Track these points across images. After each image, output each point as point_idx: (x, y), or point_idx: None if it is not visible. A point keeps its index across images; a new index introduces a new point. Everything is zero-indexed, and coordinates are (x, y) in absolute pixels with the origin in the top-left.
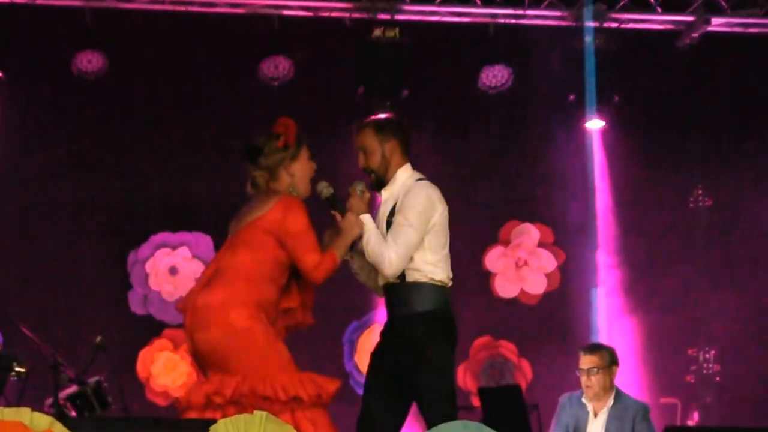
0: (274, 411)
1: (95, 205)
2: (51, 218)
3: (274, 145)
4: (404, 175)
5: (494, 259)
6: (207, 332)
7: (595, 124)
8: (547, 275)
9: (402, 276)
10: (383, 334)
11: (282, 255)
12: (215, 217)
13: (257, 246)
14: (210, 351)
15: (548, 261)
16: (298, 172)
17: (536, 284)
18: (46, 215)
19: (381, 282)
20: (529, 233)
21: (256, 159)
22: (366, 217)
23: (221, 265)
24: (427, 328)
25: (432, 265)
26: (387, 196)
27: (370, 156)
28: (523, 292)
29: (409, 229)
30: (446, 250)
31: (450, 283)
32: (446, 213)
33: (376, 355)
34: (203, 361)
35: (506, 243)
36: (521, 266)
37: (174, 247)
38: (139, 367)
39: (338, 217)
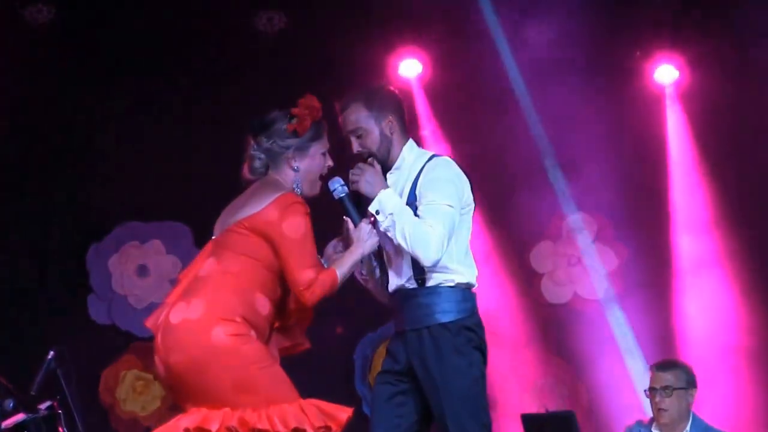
0: None
1: (39, 181)
2: None
3: (282, 126)
4: (412, 154)
5: (542, 256)
6: (183, 354)
7: (666, 75)
8: (607, 276)
9: (421, 279)
10: (393, 350)
11: (276, 262)
12: (197, 204)
13: (246, 249)
14: (188, 377)
15: (607, 259)
16: (305, 167)
17: (592, 287)
18: None
19: (393, 287)
20: (584, 225)
21: (259, 135)
22: (389, 192)
23: (201, 272)
24: (454, 341)
25: (458, 263)
26: (394, 181)
27: (365, 138)
28: (576, 296)
29: (448, 209)
30: (468, 243)
31: (476, 285)
32: (471, 195)
33: (385, 376)
34: (180, 391)
35: (556, 237)
36: (574, 265)
37: (144, 241)
38: (102, 390)
39: (350, 225)
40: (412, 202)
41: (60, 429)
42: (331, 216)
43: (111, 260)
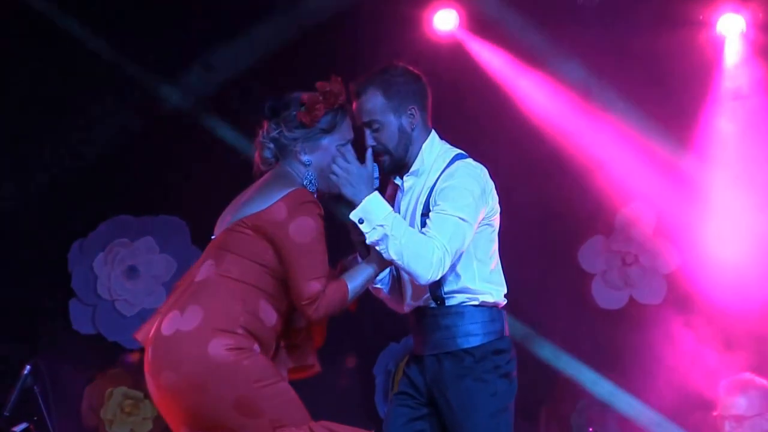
0: None
1: (20, 173)
2: None
3: (293, 114)
4: (433, 152)
5: (592, 254)
6: (176, 371)
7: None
8: (667, 277)
9: (440, 298)
10: (411, 375)
11: (282, 269)
12: (195, 196)
13: (249, 253)
14: (181, 398)
15: (668, 257)
16: (317, 162)
17: (651, 290)
18: None
19: (408, 306)
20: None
21: (270, 120)
22: (375, 198)
23: (198, 276)
24: (477, 368)
25: (483, 282)
26: (410, 186)
27: (381, 132)
28: (632, 301)
29: (460, 222)
30: (497, 256)
31: (505, 302)
32: (497, 205)
33: (403, 398)
34: (173, 413)
35: (608, 232)
36: (630, 264)
37: (134, 238)
38: (85, 410)
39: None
40: (426, 212)
41: None
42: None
43: (96, 260)
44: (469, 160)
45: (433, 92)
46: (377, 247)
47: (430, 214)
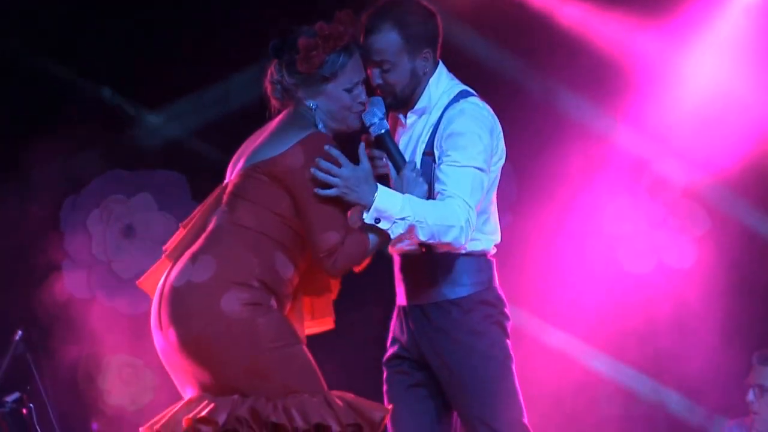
0: None
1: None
2: None
3: (293, 57)
4: (439, 89)
5: (617, 216)
6: (186, 326)
7: None
8: (698, 241)
9: (426, 244)
10: (396, 333)
11: (298, 220)
12: (196, 148)
13: (264, 201)
14: (190, 354)
15: (699, 219)
16: (322, 106)
17: (680, 254)
18: None
19: (394, 248)
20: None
21: (274, 59)
22: (385, 193)
23: (210, 224)
24: (467, 320)
25: (475, 230)
26: (414, 121)
27: (391, 72)
28: (661, 265)
29: (476, 173)
30: (494, 204)
31: (494, 251)
32: (504, 149)
33: (396, 363)
34: (181, 371)
35: (634, 193)
36: (658, 227)
37: (131, 194)
38: (81, 379)
39: (391, 170)
40: (428, 151)
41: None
42: None
43: (90, 218)
44: (474, 99)
45: None
46: (404, 238)
47: (444, 167)
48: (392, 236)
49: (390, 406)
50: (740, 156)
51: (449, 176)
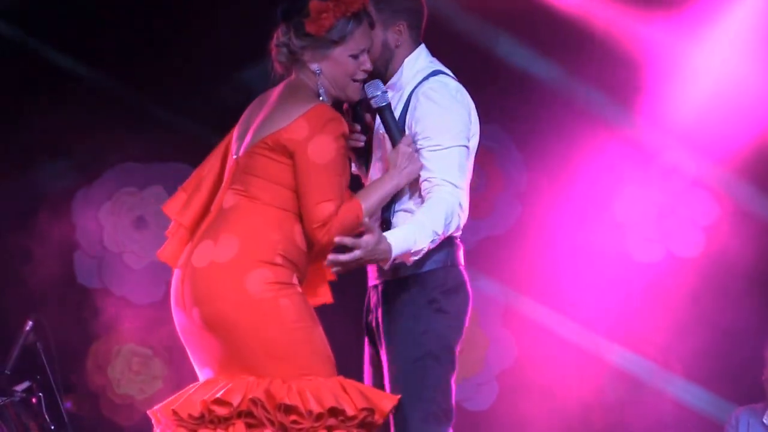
0: (301, 430)
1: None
2: None
3: (300, 20)
4: (414, 68)
5: (626, 204)
6: (210, 306)
7: None
8: (707, 230)
9: (387, 221)
10: (366, 307)
11: None
12: (207, 141)
13: (276, 176)
14: (214, 333)
15: (708, 208)
16: (328, 71)
17: (688, 243)
18: None
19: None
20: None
21: (281, 23)
22: (396, 240)
23: (226, 203)
24: (413, 301)
25: None
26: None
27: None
28: (669, 255)
29: (461, 151)
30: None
31: (460, 232)
32: (478, 127)
33: (368, 340)
34: (203, 349)
35: (643, 181)
36: (666, 216)
37: (142, 186)
38: (91, 369)
39: (388, 143)
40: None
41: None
42: None
43: (102, 209)
44: (447, 78)
45: None
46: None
47: (425, 152)
48: (408, 263)
49: (398, 397)
50: (751, 145)
51: (434, 162)
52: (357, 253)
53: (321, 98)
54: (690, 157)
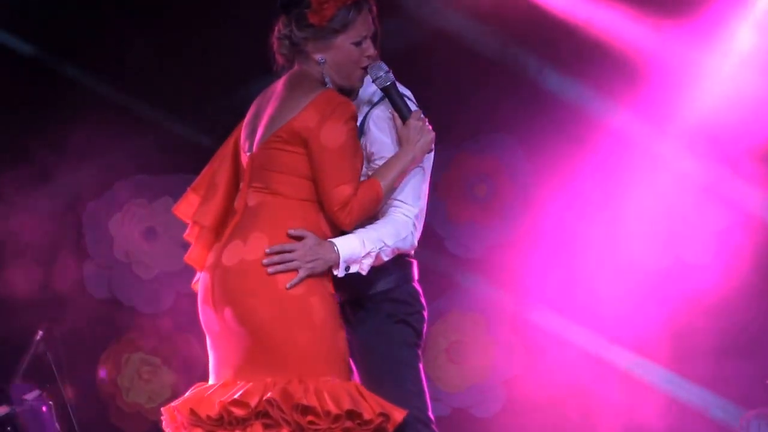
0: (317, 430)
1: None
2: None
3: (303, 12)
4: (369, 86)
5: (636, 211)
6: (244, 304)
7: None
8: (718, 235)
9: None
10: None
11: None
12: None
13: (293, 168)
14: (245, 331)
15: (719, 214)
16: (331, 60)
17: (698, 249)
18: None
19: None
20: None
21: (283, 15)
22: (344, 243)
23: (251, 202)
24: (373, 319)
25: None
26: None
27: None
28: (680, 261)
29: (416, 171)
30: (424, 200)
31: (412, 251)
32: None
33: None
34: (229, 347)
35: (647, 183)
36: (674, 220)
37: (152, 198)
38: (101, 377)
39: (396, 121)
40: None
41: (52, 424)
42: None
43: (112, 221)
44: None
45: None
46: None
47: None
48: (363, 273)
49: (406, 412)
50: (759, 150)
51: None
52: (295, 253)
53: (327, 86)
54: (702, 164)
